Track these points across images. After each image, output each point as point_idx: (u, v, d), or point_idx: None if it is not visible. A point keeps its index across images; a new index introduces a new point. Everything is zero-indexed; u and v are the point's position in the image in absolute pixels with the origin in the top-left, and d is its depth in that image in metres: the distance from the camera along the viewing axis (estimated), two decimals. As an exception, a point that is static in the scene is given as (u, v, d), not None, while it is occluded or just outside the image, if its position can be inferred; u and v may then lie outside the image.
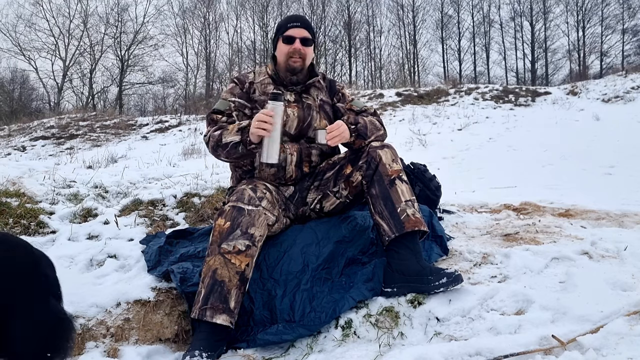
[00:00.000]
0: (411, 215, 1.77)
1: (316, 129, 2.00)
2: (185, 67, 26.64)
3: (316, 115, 2.03)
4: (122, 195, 2.92)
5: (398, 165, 1.86)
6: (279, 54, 2.03)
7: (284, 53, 2.00)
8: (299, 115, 2.00)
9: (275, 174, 1.98)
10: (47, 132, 11.68)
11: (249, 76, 2.09)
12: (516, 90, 11.93)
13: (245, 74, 2.11)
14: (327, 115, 2.07)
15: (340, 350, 1.56)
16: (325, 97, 2.10)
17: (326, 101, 2.10)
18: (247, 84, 2.05)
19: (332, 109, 2.11)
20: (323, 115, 2.05)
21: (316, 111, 2.03)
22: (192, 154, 7.99)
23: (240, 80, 2.07)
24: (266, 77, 2.07)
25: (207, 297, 1.65)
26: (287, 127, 1.98)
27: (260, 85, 2.05)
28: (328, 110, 2.09)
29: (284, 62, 2.01)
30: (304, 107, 2.02)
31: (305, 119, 2.01)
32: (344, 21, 25.55)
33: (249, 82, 2.06)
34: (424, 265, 1.74)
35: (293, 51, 1.98)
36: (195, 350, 1.57)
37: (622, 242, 2.00)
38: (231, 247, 1.68)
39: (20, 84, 24.89)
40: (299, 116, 2.00)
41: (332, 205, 2.00)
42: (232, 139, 1.85)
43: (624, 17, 23.66)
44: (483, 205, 3.12)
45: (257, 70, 2.12)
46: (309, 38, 2.01)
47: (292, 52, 1.98)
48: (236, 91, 2.04)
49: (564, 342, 1.35)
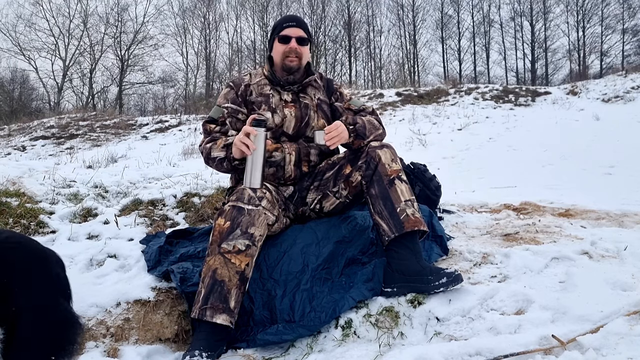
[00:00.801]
0: (411, 215, 1.77)
1: (314, 129, 2.00)
2: (185, 67, 26.66)
3: (314, 115, 2.03)
4: (122, 195, 2.92)
5: (397, 165, 1.86)
6: (275, 54, 2.04)
7: (280, 52, 2.00)
8: (297, 115, 2.00)
9: (274, 174, 1.99)
10: (47, 131, 11.68)
11: (244, 79, 2.09)
12: (516, 90, 11.93)
13: (241, 77, 2.11)
14: (324, 115, 2.07)
15: (340, 350, 1.56)
16: (322, 96, 2.10)
17: (324, 100, 2.10)
18: (243, 87, 2.05)
19: (329, 108, 2.11)
20: (321, 114, 2.05)
21: (314, 110, 2.04)
22: (192, 154, 7.99)
23: (235, 84, 2.08)
24: (262, 77, 2.07)
25: (207, 297, 1.65)
26: (285, 127, 1.99)
27: (257, 87, 2.05)
28: (326, 110, 2.09)
29: (280, 62, 2.01)
30: (302, 107, 2.02)
31: (303, 119, 2.01)
32: (344, 21, 25.55)
33: (244, 85, 2.06)
34: (424, 265, 1.74)
35: (289, 50, 1.99)
36: (195, 350, 1.57)
37: (622, 242, 2.01)
38: (231, 247, 1.68)
39: (20, 83, 24.89)
40: (297, 116, 2.00)
41: (332, 205, 2.00)
42: (218, 155, 1.91)
43: (624, 17, 23.68)
44: (483, 205, 3.12)
45: (253, 72, 2.12)
46: (305, 37, 2.02)
47: (289, 51, 1.99)
48: (230, 96, 2.05)
49: (564, 342, 1.35)
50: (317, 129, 1.98)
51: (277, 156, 1.97)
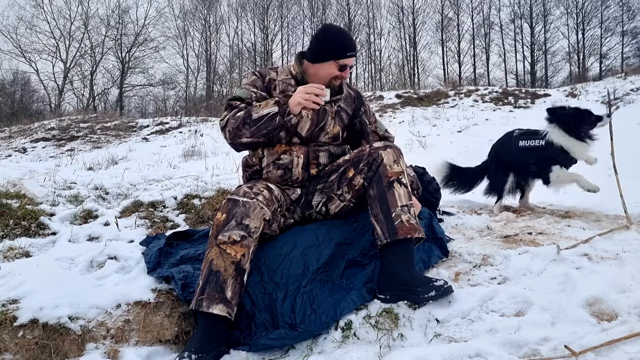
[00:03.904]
0: (405, 221, 1.75)
1: (329, 135, 2.02)
2: (186, 69, 26.71)
3: (330, 121, 2.02)
4: (122, 196, 2.92)
5: (399, 167, 1.85)
6: (321, 70, 1.98)
7: (332, 74, 1.98)
8: (313, 118, 1.98)
9: (282, 176, 1.98)
10: (48, 133, 11.69)
11: (270, 72, 2.06)
12: (516, 92, 11.95)
13: (267, 70, 2.09)
14: (342, 122, 2.06)
15: (340, 352, 1.56)
16: (345, 105, 2.09)
17: (344, 109, 2.08)
18: (268, 79, 2.04)
19: (348, 117, 2.10)
20: (338, 121, 2.04)
21: (331, 117, 2.03)
22: (193, 156, 8.00)
23: (261, 74, 2.05)
24: (289, 77, 2.04)
25: (203, 287, 1.66)
26: (299, 128, 1.97)
27: (281, 83, 2.03)
28: (344, 118, 2.08)
29: (325, 79, 1.99)
30: (320, 111, 1.99)
31: (318, 123, 2.00)
32: (344, 23, 25.57)
33: (269, 78, 2.04)
34: (415, 275, 1.73)
35: (341, 77, 2.00)
36: (186, 352, 1.58)
37: (621, 244, 2.01)
38: (226, 238, 1.70)
39: (21, 85, 24.94)
40: (313, 119, 1.98)
41: (337, 208, 1.99)
42: (269, 111, 1.85)
43: (624, 20, 23.70)
44: (483, 207, 3.12)
45: (280, 69, 2.09)
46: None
47: (340, 77, 2.00)
48: (258, 84, 2.02)
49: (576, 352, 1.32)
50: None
51: (285, 159, 1.96)
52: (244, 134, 1.88)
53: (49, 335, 1.62)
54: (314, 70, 2.00)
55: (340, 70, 1.97)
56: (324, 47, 1.96)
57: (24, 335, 1.60)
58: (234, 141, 1.92)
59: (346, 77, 2.03)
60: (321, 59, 1.97)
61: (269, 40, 26.20)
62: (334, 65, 1.96)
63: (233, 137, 1.90)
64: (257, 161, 2.00)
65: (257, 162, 2.01)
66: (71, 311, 1.69)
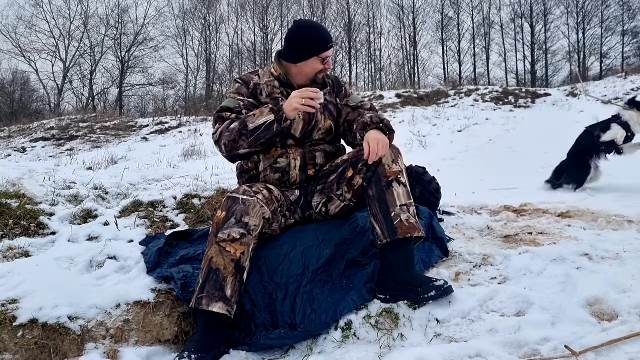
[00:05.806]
0: (405, 220, 1.75)
1: (321, 131, 2.01)
2: (186, 68, 26.69)
3: (321, 117, 2.02)
4: (122, 196, 2.92)
5: (398, 166, 1.84)
6: (305, 68, 1.98)
7: (316, 69, 1.99)
8: (304, 118, 1.98)
9: (280, 179, 1.98)
10: (48, 133, 11.69)
11: (253, 77, 2.05)
12: (516, 92, 11.94)
13: (249, 75, 2.07)
14: (331, 115, 2.06)
15: (340, 352, 1.56)
16: (329, 97, 2.08)
17: (330, 101, 2.08)
18: (252, 85, 2.03)
19: (336, 108, 2.09)
20: (328, 115, 2.04)
21: (320, 112, 2.02)
22: (192, 156, 8.00)
23: (244, 81, 2.04)
24: (272, 79, 2.04)
25: (203, 285, 1.66)
26: (293, 130, 1.97)
27: (266, 87, 2.02)
28: (332, 110, 2.07)
29: (311, 75, 2.00)
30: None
31: (310, 121, 2.00)
32: (344, 23, 25.60)
33: (253, 83, 2.03)
34: (415, 275, 1.73)
35: (325, 69, 2.01)
36: (185, 352, 1.57)
37: (622, 244, 2.00)
38: (226, 236, 1.69)
39: (20, 85, 24.92)
40: (304, 119, 1.98)
41: (337, 208, 1.99)
42: (265, 120, 1.83)
43: (624, 19, 23.71)
44: (483, 206, 3.12)
45: (261, 72, 2.08)
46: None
47: (324, 70, 2.01)
48: (243, 91, 2.01)
49: (577, 352, 1.32)
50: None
51: (282, 162, 1.96)
52: (241, 145, 1.87)
53: (48, 335, 1.62)
54: (297, 69, 2.00)
55: (324, 62, 1.98)
56: (305, 46, 1.96)
57: (23, 335, 1.59)
58: (231, 154, 1.91)
59: (330, 68, 2.03)
60: (304, 57, 1.97)
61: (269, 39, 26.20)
62: (318, 61, 1.97)
63: (230, 150, 1.89)
64: (253, 166, 2.00)
65: (253, 167, 2.00)
66: (71, 311, 1.68)
